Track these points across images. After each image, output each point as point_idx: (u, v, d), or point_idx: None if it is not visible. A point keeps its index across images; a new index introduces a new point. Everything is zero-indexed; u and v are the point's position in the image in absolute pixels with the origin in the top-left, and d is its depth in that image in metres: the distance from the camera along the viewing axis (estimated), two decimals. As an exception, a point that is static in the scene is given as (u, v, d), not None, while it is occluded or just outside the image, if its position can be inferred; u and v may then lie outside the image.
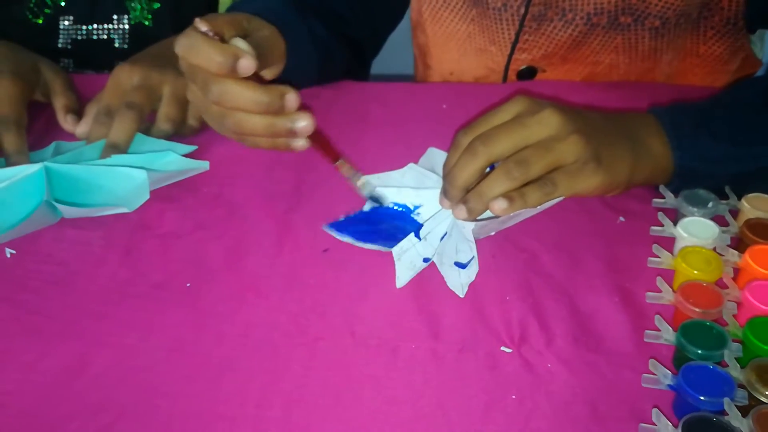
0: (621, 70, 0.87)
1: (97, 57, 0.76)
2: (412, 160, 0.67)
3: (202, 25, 0.57)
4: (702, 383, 0.47)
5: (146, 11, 0.90)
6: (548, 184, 0.57)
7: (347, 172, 0.63)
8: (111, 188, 0.67)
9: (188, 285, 0.59)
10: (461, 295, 0.57)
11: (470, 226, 0.57)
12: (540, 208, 0.57)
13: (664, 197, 0.63)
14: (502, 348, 0.53)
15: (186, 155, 0.72)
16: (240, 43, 0.59)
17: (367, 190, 0.64)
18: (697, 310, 0.52)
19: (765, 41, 0.93)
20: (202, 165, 0.72)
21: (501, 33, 0.86)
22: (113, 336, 0.55)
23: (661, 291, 0.55)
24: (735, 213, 0.62)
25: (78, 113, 0.75)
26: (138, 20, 0.90)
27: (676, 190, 0.62)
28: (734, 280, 0.56)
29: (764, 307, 0.52)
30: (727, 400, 0.46)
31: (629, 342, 0.54)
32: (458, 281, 0.57)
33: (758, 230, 0.58)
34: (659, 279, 0.56)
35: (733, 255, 0.57)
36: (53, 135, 0.76)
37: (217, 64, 0.56)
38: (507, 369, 0.52)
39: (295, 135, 0.59)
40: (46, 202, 0.62)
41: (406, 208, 0.64)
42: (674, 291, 0.54)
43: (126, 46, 0.93)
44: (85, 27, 0.92)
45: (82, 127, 0.73)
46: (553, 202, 0.57)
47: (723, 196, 0.62)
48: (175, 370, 0.52)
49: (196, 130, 0.76)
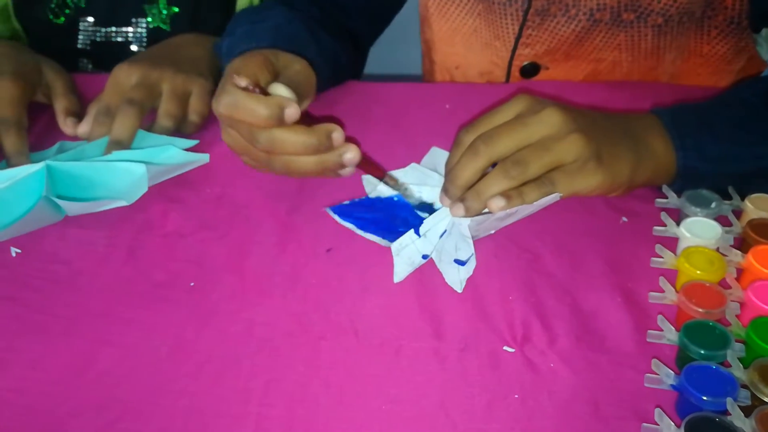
0: (624, 68, 0.87)
1: (116, 59, 0.76)
2: (414, 159, 0.67)
3: (242, 81, 0.57)
4: (705, 383, 0.47)
5: (165, 16, 0.90)
6: (547, 183, 0.57)
7: (396, 186, 0.64)
8: (112, 183, 0.68)
9: (192, 284, 0.59)
10: (459, 290, 0.57)
11: (467, 222, 0.57)
12: (537, 206, 0.57)
13: (667, 197, 0.63)
14: (505, 347, 0.53)
15: (188, 150, 0.72)
16: (281, 90, 0.59)
17: (416, 198, 0.64)
18: (700, 310, 0.52)
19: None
20: (202, 158, 0.72)
21: (505, 27, 0.86)
22: (117, 335, 0.55)
23: (663, 291, 0.55)
24: (738, 213, 0.61)
25: (79, 116, 0.75)
26: (156, 24, 0.91)
27: (679, 191, 0.62)
28: (737, 280, 0.55)
29: (767, 308, 0.52)
30: (730, 401, 0.46)
31: (632, 342, 0.53)
32: (457, 277, 0.58)
33: (761, 230, 0.58)
34: (662, 279, 0.56)
35: (736, 255, 0.57)
36: (55, 135, 0.76)
37: (265, 119, 0.56)
38: (509, 368, 0.52)
39: (344, 166, 0.60)
40: (45, 198, 0.62)
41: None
42: (677, 291, 0.54)
43: (144, 49, 0.93)
44: (105, 29, 0.92)
45: (83, 128, 0.73)
46: (551, 201, 0.57)
47: (726, 197, 0.62)
48: (179, 369, 0.53)
49: (198, 125, 0.76)
